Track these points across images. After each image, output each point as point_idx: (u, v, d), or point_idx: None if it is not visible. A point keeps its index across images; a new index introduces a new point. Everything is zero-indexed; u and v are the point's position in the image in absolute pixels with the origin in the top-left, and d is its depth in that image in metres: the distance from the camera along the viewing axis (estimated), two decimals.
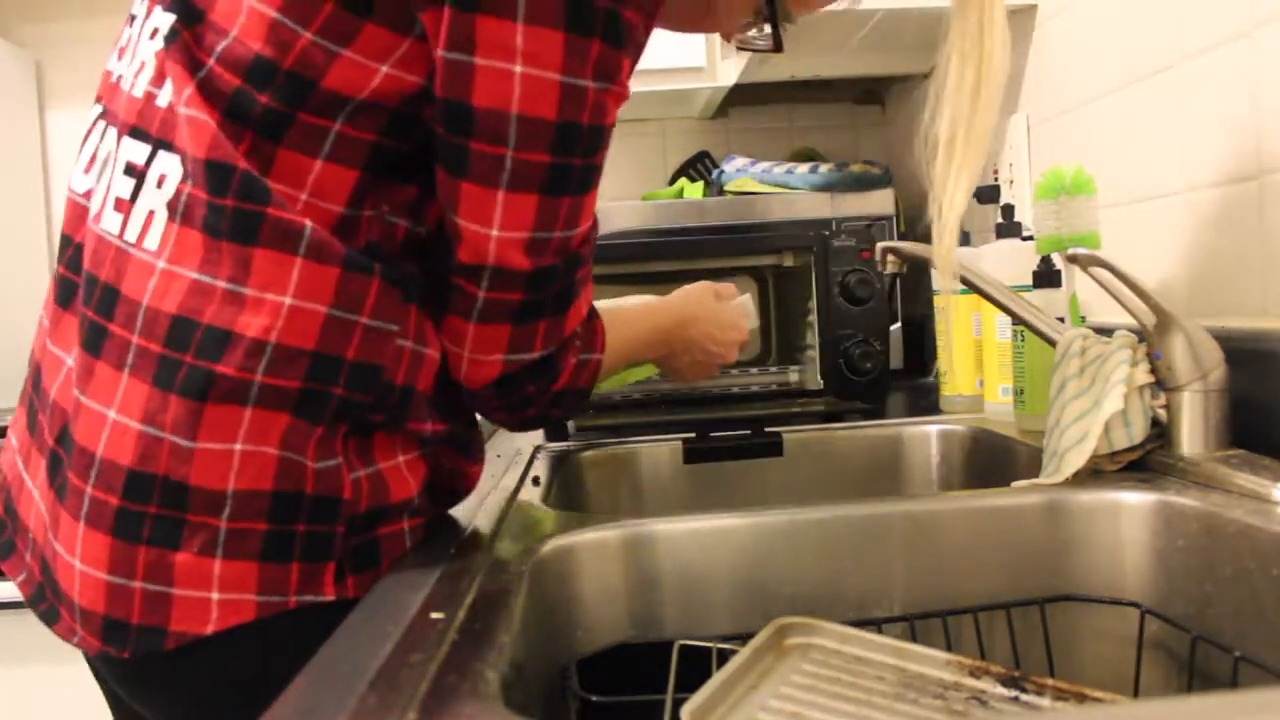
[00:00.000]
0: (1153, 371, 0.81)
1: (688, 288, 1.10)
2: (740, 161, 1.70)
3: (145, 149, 0.70)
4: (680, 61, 1.69)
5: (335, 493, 0.68)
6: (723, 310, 1.10)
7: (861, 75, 1.77)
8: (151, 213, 0.69)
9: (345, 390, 0.68)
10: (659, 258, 1.47)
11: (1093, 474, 0.81)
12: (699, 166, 1.95)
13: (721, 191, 1.71)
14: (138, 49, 0.73)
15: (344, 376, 0.67)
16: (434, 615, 0.57)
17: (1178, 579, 0.72)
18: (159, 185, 0.69)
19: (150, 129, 0.70)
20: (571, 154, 0.67)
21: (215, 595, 0.66)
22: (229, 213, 0.66)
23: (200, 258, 0.67)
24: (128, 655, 0.68)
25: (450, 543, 0.74)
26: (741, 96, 1.91)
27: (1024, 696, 0.60)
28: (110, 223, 0.71)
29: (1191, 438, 0.80)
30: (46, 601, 0.72)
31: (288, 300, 0.65)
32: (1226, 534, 0.68)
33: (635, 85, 1.91)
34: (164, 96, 0.69)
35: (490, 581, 0.64)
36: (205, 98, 0.67)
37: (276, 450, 0.66)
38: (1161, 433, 0.82)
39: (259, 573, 0.67)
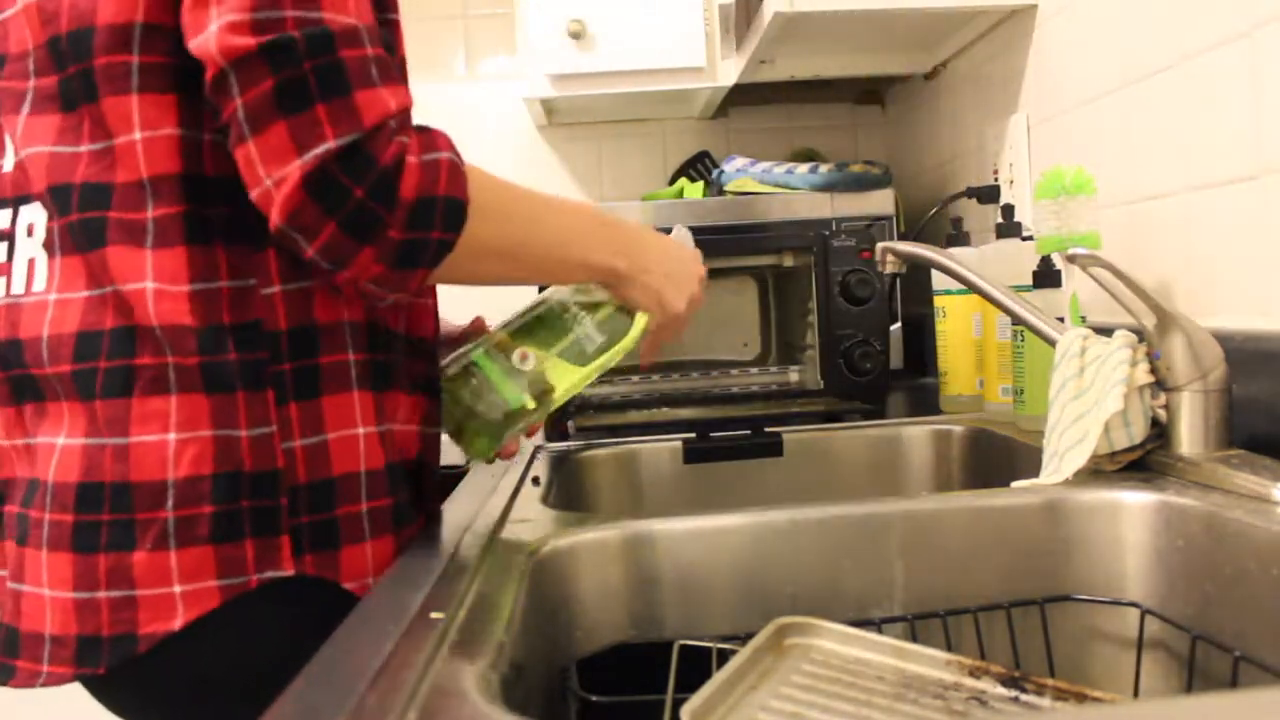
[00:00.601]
0: (1153, 371, 0.81)
1: None
2: (740, 161, 1.70)
3: (5, 214, 0.74)
4: (680, 61, 1.69)
5: (270, 464, 0.69)
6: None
7: (861, 75, 1.77)
8: (31, 260, 0.72)
9: (238, 353, 0.68)
10: None
11: (1093, 474, 0.81)
12: (699, 166, 1.95)
13: (721, 191, 1.71)
14: None
15: (231, 341, 0.68)
16: (434, 615, 0.57)
17: (1178, 579, 0.72)
18: (29, 234, 0.72)
19: (5, 193, 0.73)
20: None
21: (177, 588, 0.67)
22: (79, 226, 0.69)
23: (85, 277, 0.70)
24: (103, 670, 0.68)
25: (450, 543, 0.74)
26: (741, 96, 1.90)
27: (1024, 696, 0.60)
28: None
29: (1191, 438, 0.80)
30: (1, 664, 0.72)
31: (150, 286, 0.67)
32: (1226, 534, 0.67)
33: (635, 85, 1.89)
34: (7, 161, 0.73)
35: (490, 581, 0.64)
36: (39, 116, 0.70)
37: (211, 431, 0.67)
38: (1161, 433, 0.82)
39: (215, 555, 0.67)
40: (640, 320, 0.88)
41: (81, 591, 0.68)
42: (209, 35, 0.63)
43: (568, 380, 0.86)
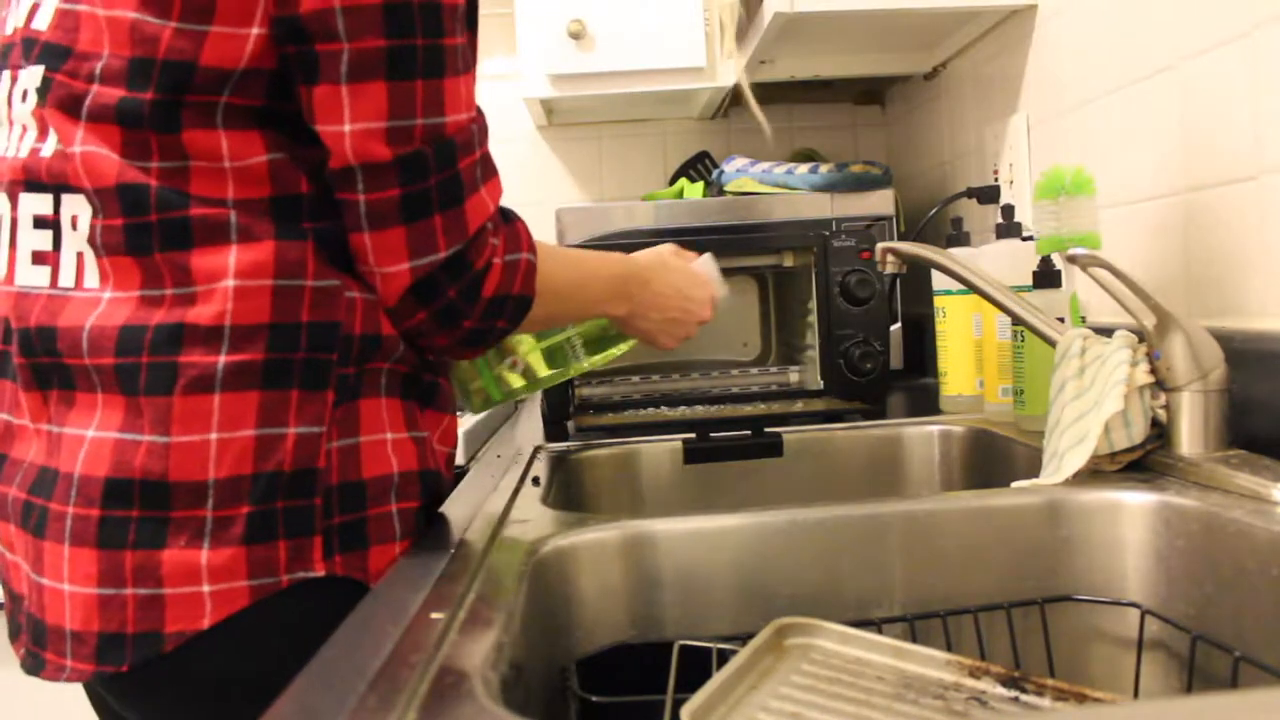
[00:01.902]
0: (1153, 371, 0.81)
1: (646, 249, 1.04)
2: (740, 162, 1.70)
3: (46, 198, 0.72)
4: (680, 62, 1.69)
5: (311, 463, 0.70)
6: (688, 266, 1.05)
7: (861, 75, 1.77)
8: (80, 254, 0.71)
9: (308, 352, 0.70)
10: None
11: (1093, 474, 0.81)
12: (699, 167, 1.95)
13: (721, 192, 1.71)
14: (12, 116, 0.74)
15: (304, 339, 0.69)
16: (434, 615, 0.57)
17: (1178, 579, 0.72)
18: (74, 227, 0.71)
19: (42, 177, 0.71)
20: (409, 35, 0.67)
21: (206, 588, 0.67)
22: (155, 227, 0.68)
23: (140, 278, 0.69)
24: (126, 668, 0.67)
25: (450, 543, 0.74)
26: (742, 97, 1.90)
27: (1024, 697, 0.60)
28: (31, 277, 0.72)
29: (1191, 438, 0.80)
30: (31, 653, 0.71)
31: (232, 283, 0.68)
32: (1226, 534, 0.67)
33: (635, 85, 1.89)
34: (48, 148, 0.71)
35: (490, 582, 0.64)
36: (100, 125, 0.69)
37: (253, 431, 0.68)
38: (1161, 433, 0.82)
39: (247, 556, 0.68)
40: (625, 345, 1.03)
41: (106, 588, 0.67)
42: (343, 133, 0.67)
43: (547, 378, 1.01)
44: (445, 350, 0.79)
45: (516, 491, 0.93)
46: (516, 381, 0.99)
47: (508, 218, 0.79)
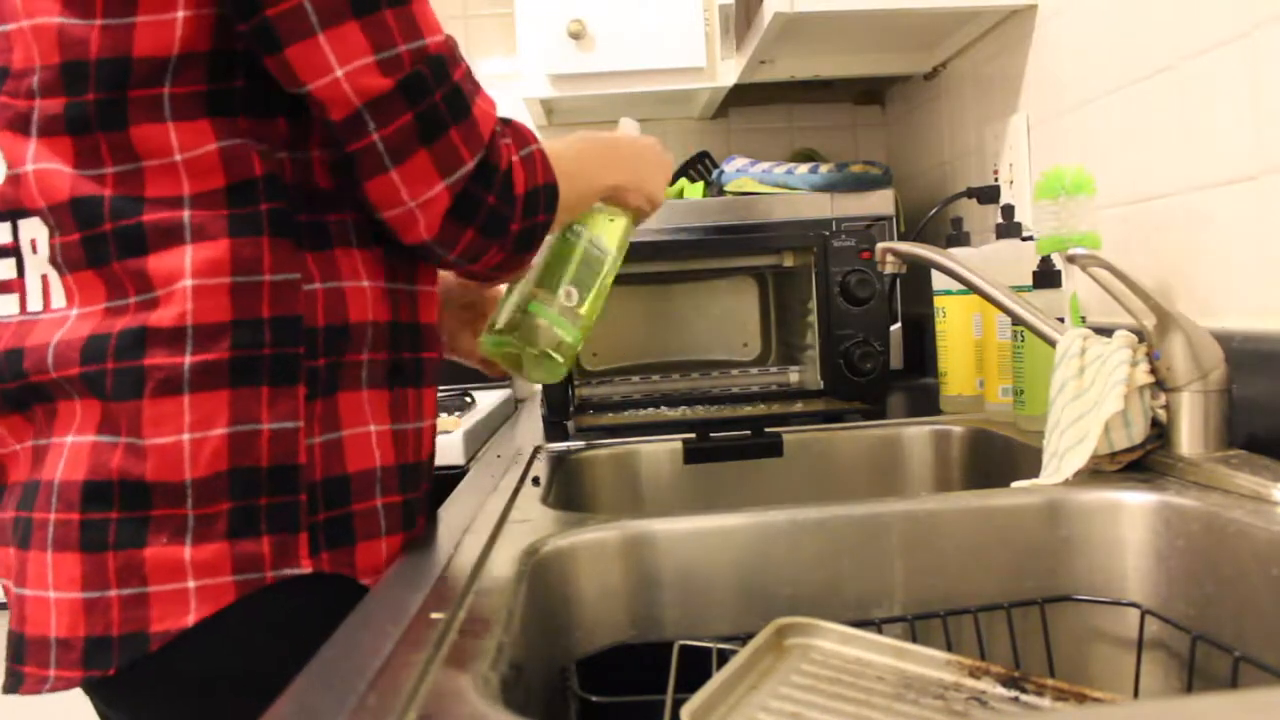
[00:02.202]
0: (1153, 371, 0.81)
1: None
2: (740, 162, 1.70)
3: (4, 226, 0.72)
4: (680, 62, 1.69)
5: (291, 459, 0.69)
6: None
7: (861, 75, 1.77)
8: (44, 276, 0.72)
9: (273, 348, 0.69)
10: (659, 258, 1.46)
11: (1093, 474, 0.81)
12: (699, 166, 1.95)
13: (721, 192, 1.71)
14: None
15: (268, 335, 0.69)
16: (434, 615, 0.57)
17: (1178, 579, 0.72)
18: (34, 250, 0.71)
19: None
20: None
21: (191, 583, 0.67)
22: (110, 237, 0.68)
23: (104, 291, 0.70)
24: (113, 671, 0.67)
25: (450, 543, 0.74)
26: (741, 97, 1.90)
27: (1024, 697, 0.60)
28: (1, 307, 0.73)
29: (1191, 438, 0.80)
30: (10, 671, 0.71)
31: (190, 283, 0.67)
32: (1226, 534, 0.67)
33: (635, 85, 1.89)
34: None
35: (490, 581, 0.64)
36: (50, 138, 0.69)
37: (226, 430, 0.68)
38: (1161, 433, 0.82)
39: (231, 552, 0.68)
40: (623, 221, 0.98)
41: (91, 591, 0.67)
42: (338, 79, 0.67)
43: (592, 302, 0.95)
44: (502, 266, 0.78)
45: (516, 491, 0.93)
46: (581, 306, 0.94)
47: (505, 120, 0.78)
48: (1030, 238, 1.17)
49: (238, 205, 0.69)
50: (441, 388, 1.97)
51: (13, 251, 0.73)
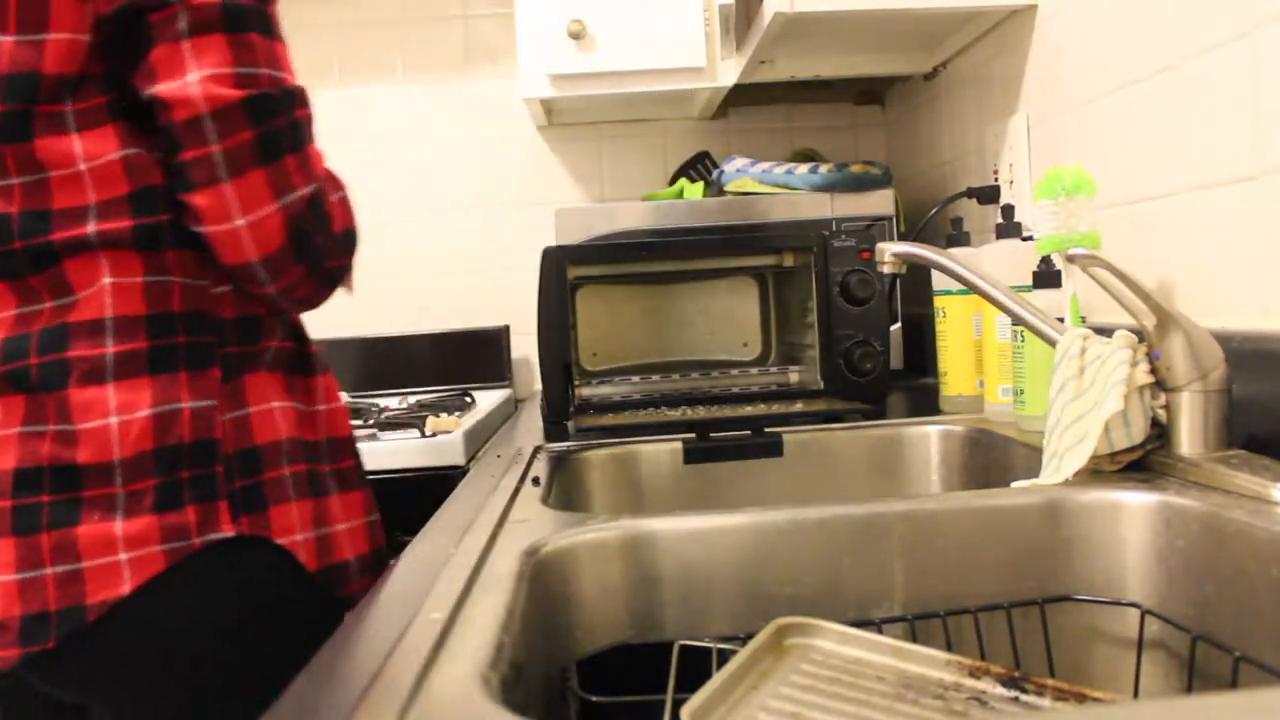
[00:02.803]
0: (1153, 371, 0.81)
1: None
2: (740, 162, 1.70)
3: None
4: (680, 62, 1.69)
5: (209, 434, 0.75)
6: None
7: (861, 75, 1.77)
8: None
9: (188, 337, 0.75)
10: (659, 258, 1.47)
11: (1093, 474, 0.81)
12: (699, 167, 1.95)
13: (721, 192, 1.71)
14: None
15: (181, 326, 0.75)
16: (434, 615, 0.57)
17: (1178, 579, 0.72)
18: None
19: None
20: None
21: (124, 555, 0.71)
22: (20, 254, 0.73)
23: (15, 300, 0.74)
24: (53, 644, 0.70)
25: (450, 543, 0.74)
26: (741, 97, 1.91)
27: (1024, 696, 0.60)
28: None
29: (1191, 438, 0.80)
30: None
31: (108, 281, 0.72)
32: (1226, 534, 0.67)
33: (635, 85, 1.89)
34: None
35: (490, 581, 0.64)
36: None
37: (150, 411, 0.73)
38: (1161, 433, 0.82)
39: (159, 524, 0.72)
40: None
41: (25, 572, 0.70)
42: (188, 83, 0.70)
43: None
44: (307, 300, 0.80)
45: (516, 491, 0.93)
46: None
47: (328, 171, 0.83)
48: (1030, 238, 1.17)
49: (142, 215, 0.73)
50: (442, 388, 1.98)
51: None
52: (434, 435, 1.40)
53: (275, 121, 0.72)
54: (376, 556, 0.88)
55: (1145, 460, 0.82)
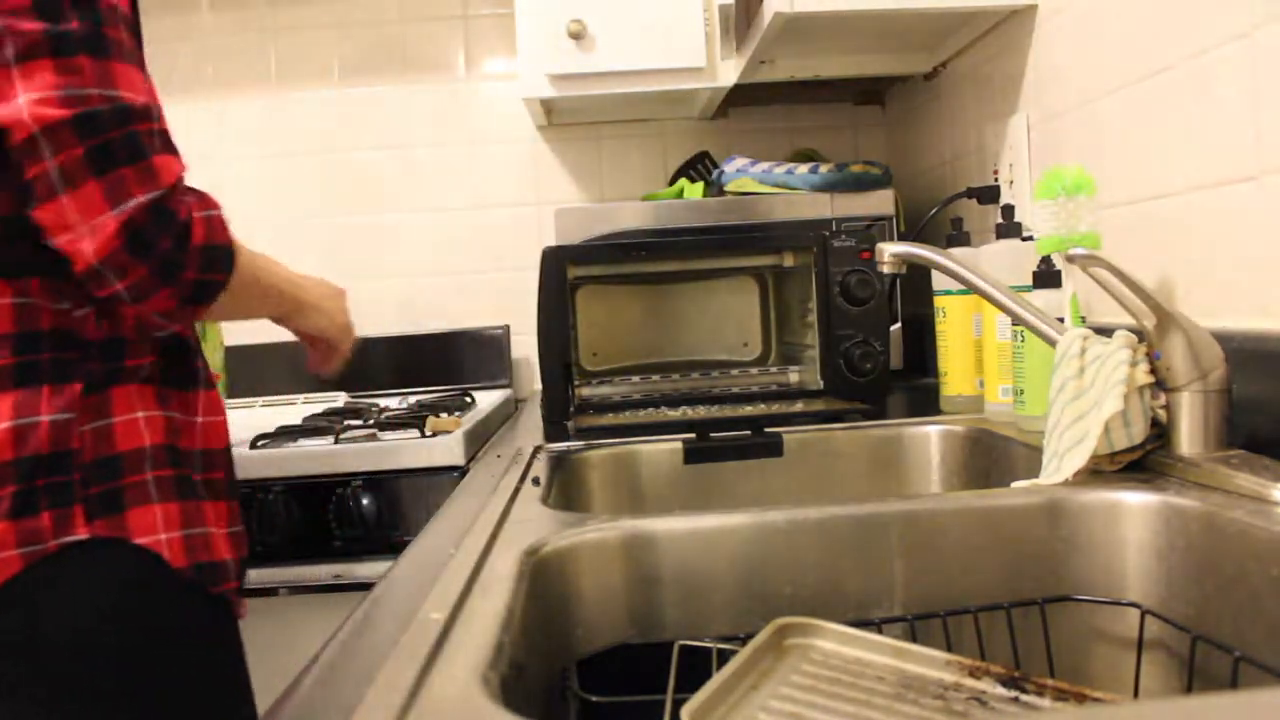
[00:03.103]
0: (1153, 371, 0.81)
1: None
2: (740, 162, 1.70)
3: None
4: (680, 62, 1.69)
5: (66, 445, 0.80)
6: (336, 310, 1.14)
7: (861, 75, 1.77)
8: None
9: (52, 353, 0.80)
10: (659, 258, 1.47)
11: (1093, 474, 0.81)
12: (699, 167, 1.95)
13: (722, 192, 1.71)
14: None
15: (46, 344, 0.80)
16: (434, 615, 0.57)
17: (1178, 579, 0.72)
18: None
19: None
20: (62, 20, 0.76)
21: None
22: None
23: None
24: None
25: (450, 543, 0.74)
26: (741, 97, 1.90)
27: (1024, 696, 0.60)
28: None
29: (1191, 438, 0.80)
30: None
31: None
32: (1226, 534, 0.67)
33: (635, 85, 1.89)
34: None
35: (490, 581, 0.64)
36: None
37: (10, 424, 0.78)
38: (1161, 433, 0.82)
39: (15, 529, 0.77)
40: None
41: None
42: (19, 106, 0.74)
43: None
44: (174, 313, 0.84)
45: (516, 492, 0.93)
46: None
47: (193, 188, 0.85)
48: (1030, 238, 1.17)
49: (4, 248, 0.79)
50: (442, 388, 1.98)
51: None
52: (434, 435, 1.40)
53: (108, 135, 0.76)
54: (240, 565, 0.93)
55: (1145, 460, 0.82)
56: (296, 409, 1.83)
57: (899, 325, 1.66)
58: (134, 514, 0.83)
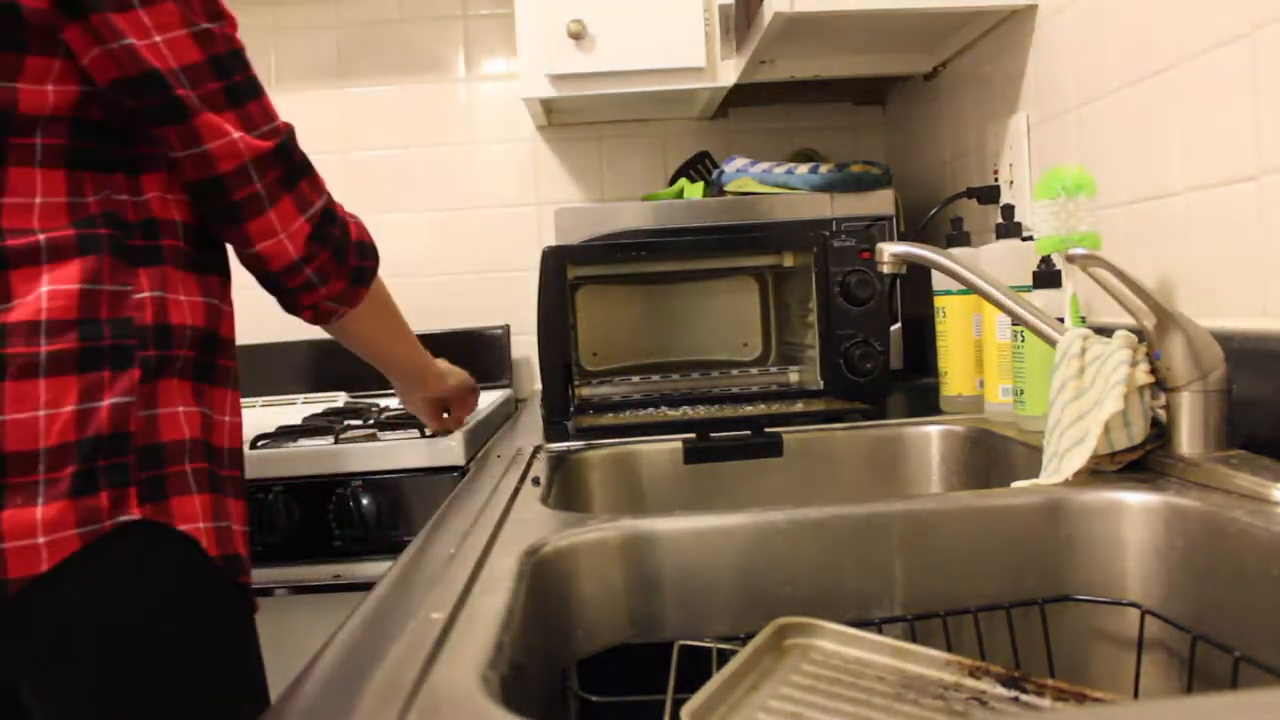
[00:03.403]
0: (1153, 371, 0.81)
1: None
2: (740, 162, 1.70)
3: None
4: (680, 62, 1.69)
5: (124, 427, 0.84)
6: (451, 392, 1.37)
7: (861, 75, 1.77)
8: None
9: (113, 340, 0.84)
10: (659, 258, 1.47)
11: (1093, 474, 0.81)
12: (699, 167, 1.95)
13: (722, 192, 1.71)
14: None
15: (107, 331, 0.84)
16: (434, 615, 0.57)
17: (1178, 579, 0.72)
18: None
19: None
20: (232, 74, 0.90)
21: (41, 539, 0.79)
22: None
23: None
24: None
25: (450, 543, 0.74)
26: (741, 97, 1.90)
27: (1024, 696, 0.60)
28: None
29: (1191, 438, 0.80)
30: None
31: (45, 289, 0.82)
32: (1226, 534, 0.67)
33: (635, 85, 1.89)
34: None
35: (490, 581, 0.64)
36: None
37: (75, 407, 0.81)
38: (1161, 433, 0.82)
39: (74, 508, 0.80)
40: None
41: None
42: (233, 140, 0.89)
43: None
44: (343, 297, 1.01)
45: (516, 492, 0.93)
46: None
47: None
48: (1030, 238, 1.17)
49: (84, 227, 0.85)
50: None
51: None
52: (434, 435, 1.40)
53: (291, 159, 0.94)
54: (250, 563, 0.96)
55: (1145, 460, 0.82)
56: (296, 409, 1.83)
57: (899, 325, 1.66)
58: (176, 502, 0.87)
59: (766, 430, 1.15)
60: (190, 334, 0.91)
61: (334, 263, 0.98)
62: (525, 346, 2.02)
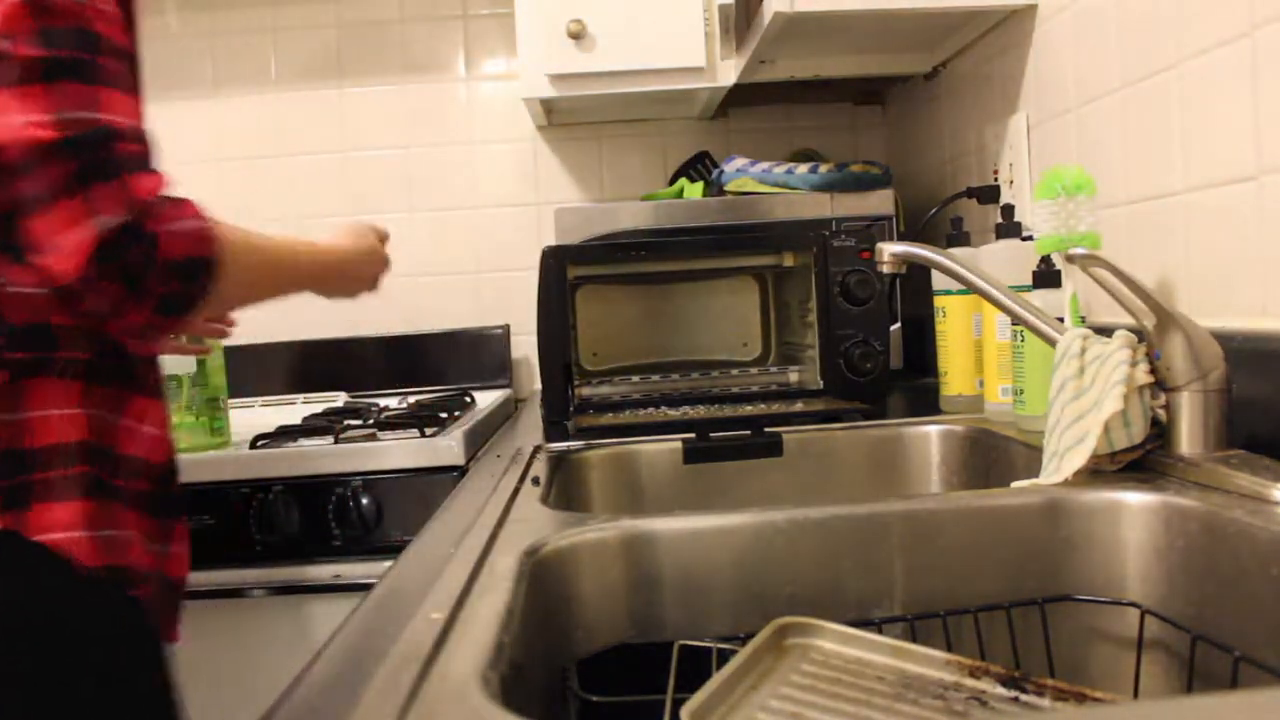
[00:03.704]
0: (1153, 371, 0.81)
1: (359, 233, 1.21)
2: (740, 161, 1.70)
3: None
4: (680, 62, 1.69)
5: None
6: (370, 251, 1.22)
7: (861, 75, 1.77)
8: None
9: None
10: (659, 258, 1.47)
11: (1093, 474, 0.81)
12: (699, 166, 1.95)
13: (722, 192, 1.71)
14: None
15: None
16: (434, 615, 0.57)
17: (1178, 579, 0.72)
18: None
19: None
20: (57, 48, 0.79)
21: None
22: None
23: None
24: None
25: (450, 543, 0.74)
26: (741, 96, 1.90)
27: (1024, 696, 0.60)
28: None
29: (1191, 438, 0.80)
30: None
31: None
32: (1226, 534, 0.67)
33: (635, 85, 1.89)
34: None
35: (490, 581, 0.64)
36: None
37: None
38: (1161, 433, 0.82)
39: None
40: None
41: None
42: (12, 127, 0.77)
43: None
44: (147, 328, 0.86)
45: (516, 491, 0.93)
46: None
47: (175, 198, 0.85)
48: (1030, 238, 1.17)
49: None
50: (442, 388, 1.98)
51: None
52: (434, 435, 1.40)
53: (87, 157, 0.79)
54: (168, 584, 0.92)
55: (1145, 460, 0.82)
56: (296, 409, 1.83)
57: (899, 325, 1.66)
58: (38, 509, 0.82)
59: (766, 430, 1.15)
60: (81, 335, 0.85)
61: (126, 291, 0.81)
62: (525, 346, 2.02)
